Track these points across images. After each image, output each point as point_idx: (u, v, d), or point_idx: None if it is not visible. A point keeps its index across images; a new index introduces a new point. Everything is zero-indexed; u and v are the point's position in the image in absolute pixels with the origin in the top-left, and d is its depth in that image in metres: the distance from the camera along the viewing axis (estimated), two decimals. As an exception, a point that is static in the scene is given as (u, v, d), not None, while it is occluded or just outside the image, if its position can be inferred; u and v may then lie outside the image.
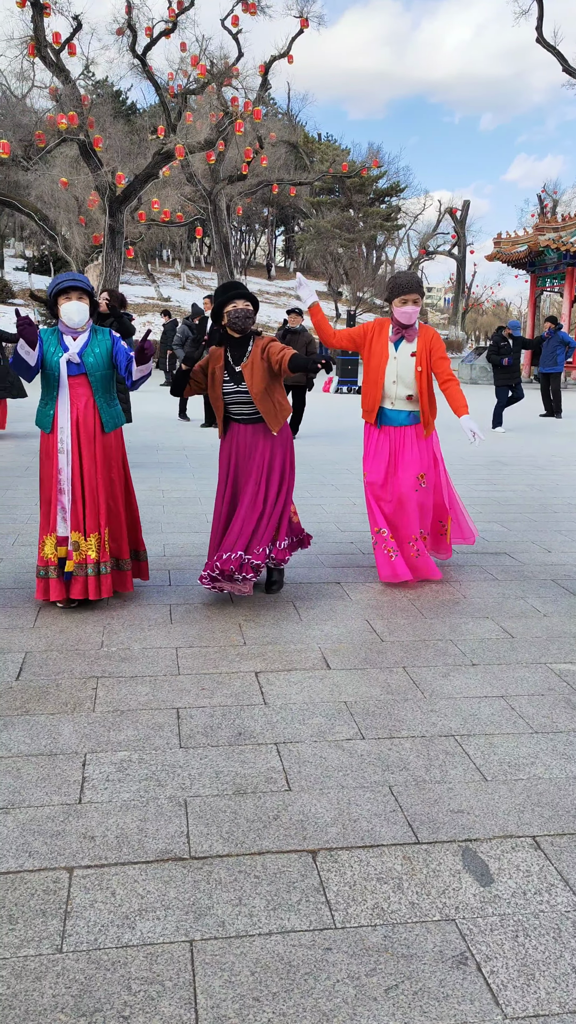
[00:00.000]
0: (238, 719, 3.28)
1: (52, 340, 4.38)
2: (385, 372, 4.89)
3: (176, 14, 23.71)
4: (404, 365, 4.88)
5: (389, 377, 4.89)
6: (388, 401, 4.95)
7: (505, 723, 3.31)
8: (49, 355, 4.34)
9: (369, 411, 5.01)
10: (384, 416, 4.98)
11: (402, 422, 4.95)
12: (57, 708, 3.34)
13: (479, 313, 62.58)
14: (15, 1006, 1.88)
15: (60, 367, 4.32)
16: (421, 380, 4.87)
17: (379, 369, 4.91)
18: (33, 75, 25.42)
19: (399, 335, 4.90)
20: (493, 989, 1.96)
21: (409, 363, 4.87)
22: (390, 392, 4.92)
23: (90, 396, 4.38)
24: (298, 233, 58.54)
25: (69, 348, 4.34)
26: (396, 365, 4.89)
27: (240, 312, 4.47)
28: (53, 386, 4.36)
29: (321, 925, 2.16)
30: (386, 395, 4.93)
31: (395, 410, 4.95)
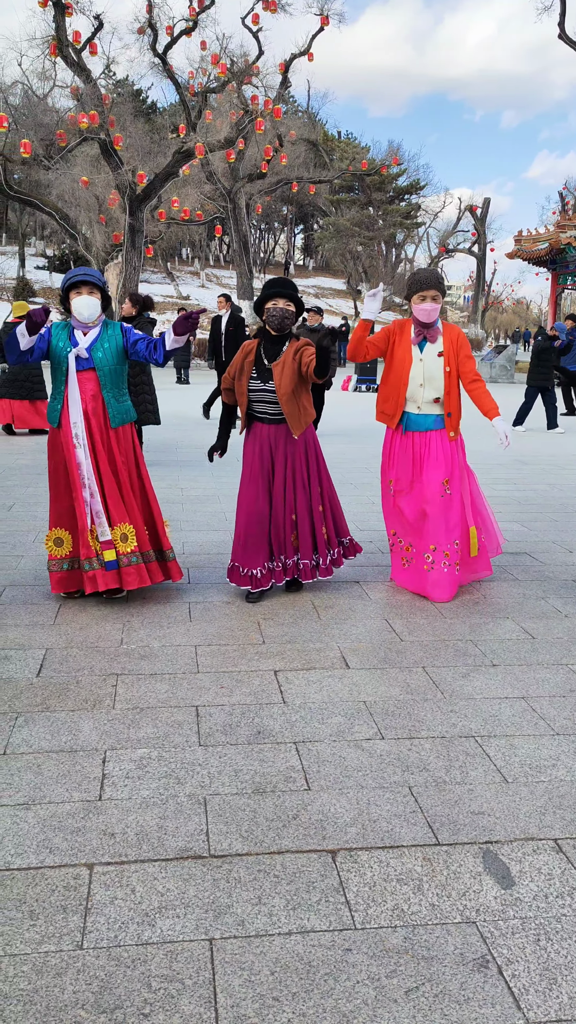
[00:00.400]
0: (257, 718, 3.28)
1: (63, 335, 4.38)
2: (410, 375, 4.67)
3: (197, 12, 23.75)
4: (432, 367, 4.64)
5: (415, 380, 4.66)
6: (413, 405, 4.71)
7: (526, 724, 3.29)
8: (58, 350, 4.35)
9: (392, 415, 4.78)
10: (409, 421, 4.74)
11: (428, 427, 4.71)
12: (77, 705, 3.35)
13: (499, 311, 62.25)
14: (36, 1002, 1.89)
15: (69, 362, 4.32)
16: (450, 381, 4.64)
17: (402, 372, 4.68)
18: (55, 74, 25.58)
19: (421, 335, 4.68)
20: (515, 993, 1.95)
21: (437, 364, 4.64)
22: (416, 396, 4.68)
23: (98, 391, 4.38)
24: (317, 231, 58.48)
25: (79, 343, 4.34)
26: (423, 368, 4.66)
27: (278, 311, 4.40)
28: (61, 381, 4.37)
29: (341, 925, 2.15)
30: (411, 399, 4.70)
31: (421, 415, 4.70)
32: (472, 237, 47.88)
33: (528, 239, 29.63)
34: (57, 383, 4.39)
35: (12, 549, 5.60)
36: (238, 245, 31.92)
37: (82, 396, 4.35)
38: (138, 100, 45.16)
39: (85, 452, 4.35)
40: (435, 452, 4.70)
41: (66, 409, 4.35)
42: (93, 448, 4.37)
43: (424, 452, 4.72)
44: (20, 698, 3.40)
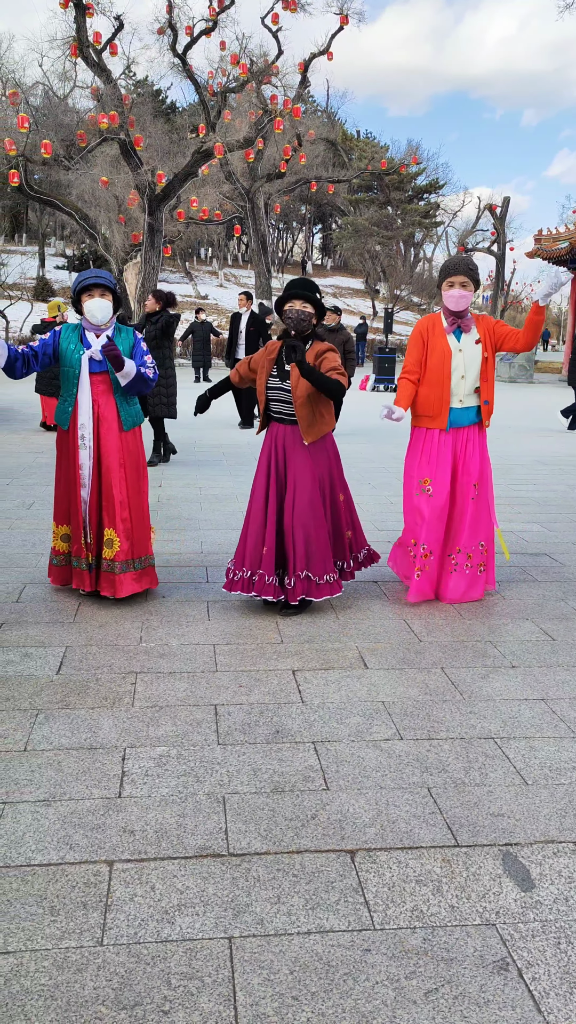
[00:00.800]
0: (276, 717, 3.29)
1: (73, 337, 4.40)
2: (452, 368, 4.48)
3: (216, 13, 23.77)
4: (471, 356, 4.49)
5: (456, 373, 4.48)
6: (456, 399, 4.52)
7: (546, 726, 3.27)
8: (69, 352, 4.37)
9: (436, 416, 4.54)
10: (451, 417, 4.54)
11: (470, 421, 4.57)
12: (97, 702, 3.37)
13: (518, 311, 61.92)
14: (57, 997, 1.90)
15: (81, 364, 4.33)
16: (487, 367, 4.51)
17: (443, 366, 4.48)
18: (75, 75, 25.69)
19: (455, 324, 4.49)
20: (535, 996, 1.94)
21: (475, 352, 4.48)
22: (458, 389, 4.50)
23: (110, 393, 4.40)
24: (335, 231, 58.41)
25: (92, 345, 4.36)
26: (463, 358, 4.48)
27: (294, 313, 4.33)
28: (73, 383, 4.38)
29: (360, 926, 2.15)
30: (454, 393, 4.51)
31: (463, 408, 4.54)
32: (491, 236, 47.63)
33: (548, 238, 29.44)
34: (68, 384, 4.41)
35: (32, 547, 5.63)
36: (256, 245, 31.93)
37: (95, 399, 4.37)
38: (158, 100, 45.30)
39: (89, 454, 4.37)
40: (471, 452, 4.58)
41: (76, 411, 4.37)
42: (98, 451, 4.39)
43: (462, 450, 4.58)
44: (40, 695, 3.42)
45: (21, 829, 2.51)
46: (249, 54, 25.17)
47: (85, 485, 4.39)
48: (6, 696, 3.40)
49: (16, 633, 4.09)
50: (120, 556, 4.43)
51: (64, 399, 4.44)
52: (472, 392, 4.54)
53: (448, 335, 4.52)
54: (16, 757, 2.93)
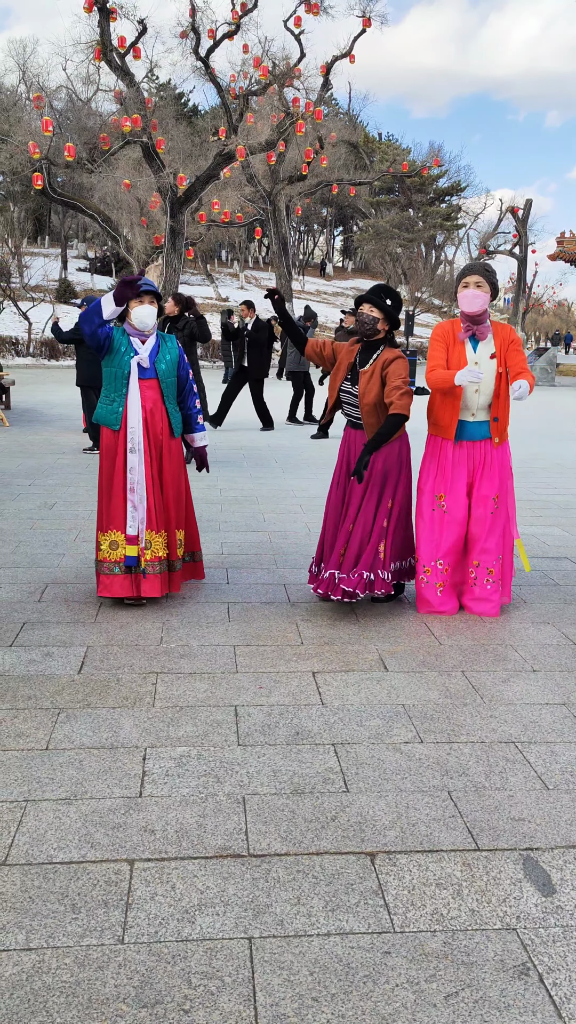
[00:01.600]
0: (295, 719, 3.29)
1: (124, 340, 4.44)
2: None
3: (239, 16, 23.87)
4: (486, 370, 4.34)
5: (471, 386, 4.34)
6: (468, 413, 4.40)
7: (567, 731, 3.25)
8: (120, 353, 4.41)
9: (447, 426, 4.42)
10: (463, 430, 4.42)
11: (483, 435, 4.42)
12: (118, 702, 3.39)
13: (540, 313, 61.58)
14: (78, 994, 1.91)
15: (131, 367, 4.39)
16: (501, 383, 4.36)
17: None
18: (98, 79, 25.88)
19: (470, 331, 4.35)
20: (556, 1001, 1.93)
21: (490, 366, 4.34)
22: (471, 403, 4.37)
23: (159, 400, 4.47)
24: (357, 233, 58.38)
25: (139, 351, 4.41)
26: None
27: (362, 317, 4.39)
28: (122, 384, 4.42)
29: (380, 928, 2.15)
30: (466, 406, 4.38)
31: (476, 422, 4.41)
32: (513, 239, 47.43)
33: (570, 240, 29.27)
34: (117, 385, 4.44)
35: (54, 548, 5.68)
36: (277, 247, 31.98)
37: (143, 404, 4.42)
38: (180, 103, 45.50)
39: (140, 458, 4.41)
40: (489, 465, 4.45)
41: (127, 414, 4.41)
42: (150, 455, 4.45)
43: (479, 464, 4.45)
44: (62, 694, 3.45)
45: (43, 827, 2.54)
46: (271, 57, 25.24)
47: (135, 489, 4.41)
48: (28, 695, 3.43)
49: (38, 633, 4.12)
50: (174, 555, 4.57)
51: (112, 399, 4.46)
52: (486, 407, 4.41)
53: (466, 345, 4.39)
54: (38, 756, 2.95)
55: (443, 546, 4.49)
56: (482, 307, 4.29)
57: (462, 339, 4.39)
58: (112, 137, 23.68)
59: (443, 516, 4.47)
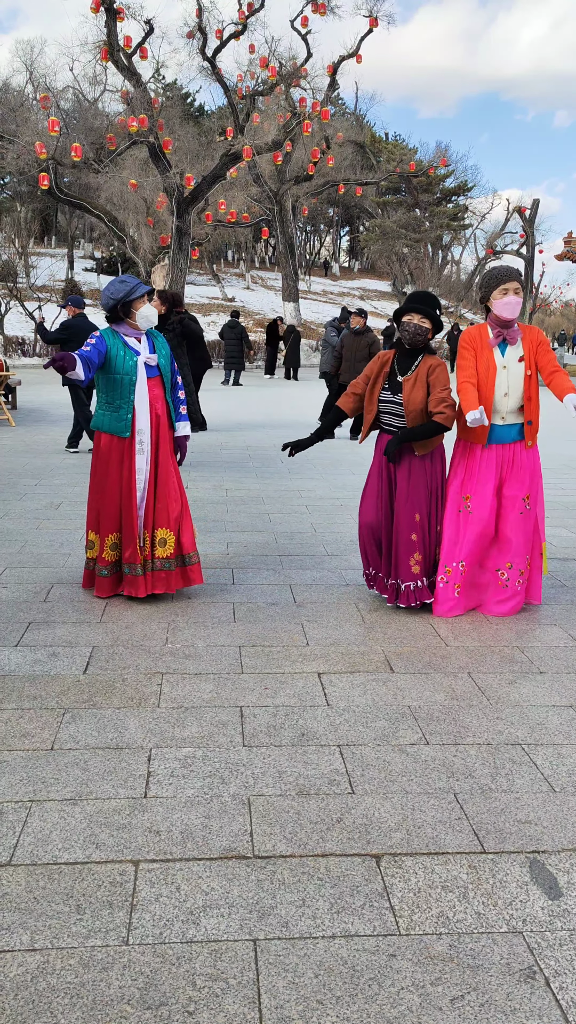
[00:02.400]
0: (301, 720, 3.28)
1: (117, 343, 4.39)
2: (495, 385, 4.35)
3: (246, 16, 23.85)
4: (515, 374, 4.36)
5: (500, 390, 4.35)
6: (498, 417, 4.40)
7: (574, 733, 3.24)
8: (120, 359, 4.36)
9: (479, 433, 4.42)
10: (493, 434, 4.42)
11: (513, 438, 4.43)
12: (123, 703, 3.39)
13: (547, 314, 61.45)
14: (83, 995, 1.91)
15: (138, 370, 4.37)
16: (531, 385, 4.38)
17: (487, 383, 4.35)
18: (105, 79, 25.89)
19: (501, 336, 4.36)
20: (562, 1005, 1.92)
21: (518, 370, 4.35)
22: (500, 407, 4.38)
23: (162, 396, 4.49)
24: (363, 233, 58.32)
25: (139, 351, 4.40)
26: (506, 375, 4.34)
27: (412, 327, 4.37)
28: (129, 389, 4.37)
29: (385, 931, 2.14)
30: (496, 410, 4.39)
31: (506, 425, 4.41)
32: (520, 239, 47.30)
33: (578, 240, 29.17)
34: (122, 392, 4.38)
35: (60, 547, 5.68)
36: (284, 247, 31.98)
37: (153, 404, 4.43)
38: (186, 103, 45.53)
39: (147, 459, 4.42)
40: (519, 467, 4.44)
41: (136, 417, 4.40)
42: (157, 454, 4.47)
43: (508, 467, 4.45)
44: (67, 694, 3.45)
45: (48, 828, 2.53)
46: (278, 57, 25.23)
47: (140, 490, 4.43)
48: (33, 695, 3.43)
49: (44, 633, 4.12)
50: (174, 553, 4.54)
51: (118, 407, 4.40)
52: (516, 410, 4.40)
53: (493, 349, 4.38)
54: (43, 756, 2.95)
55: (465, 548, 4.48)
56: (518, 313, 4.32)
57: (492, 345, 4.38)
58: (119, 137, 23.70)
59: (468, 517, 4.47)
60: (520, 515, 4.45)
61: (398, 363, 4.47)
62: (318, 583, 4.98)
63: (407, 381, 4.38)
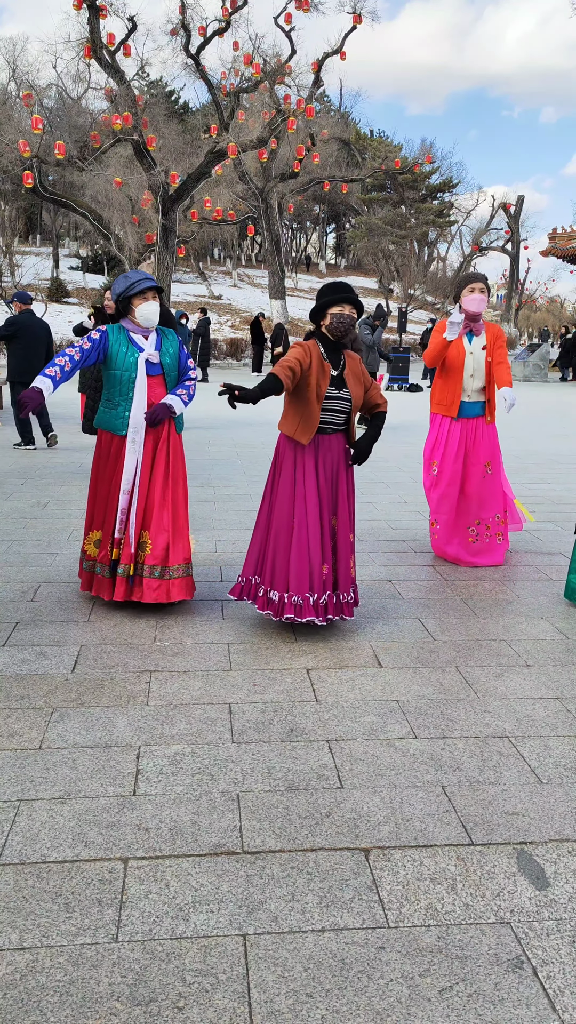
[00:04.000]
0: (290, 715, 3.29)
1: (122, 339, 4.30)
2: (464, 367, 5.29)
3: (229, 13, 23.80)
4: (479, 359, 5.31)
5: (467, 372, 5.30)
6: (466, 395, 5.35)
7: (561, 725, 3.26)
8: (121, 356, 4.27)
9: (450, 405, 5.38)
10: (461, 408, 5.38)
11: (477, 413, 5.39)
12: (111, 701, 3.38)
13: (532, 310, 61.64)
14: (72, 993, 1.91)
15: (139, 367, 4.26)
16: (490, 370, 5.32)
17: (457, 365, 5.30)
18: (89, 76, 25.79)
19: (468, 328, 5.28)
20: (550, 994, 1.93)
21: (482, 356, 5.31)
22: (468, 386, 5.34)
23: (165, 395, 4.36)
24: (349, 230, 58.32)
25: (144, 348, 4.29)
26: (472, 360, 5.30)
27: (347, 318, 4.01)
28: (129, 387, 4.27)
29: (374, 924, 2.15)
30: (464, 389, 5.34)
31: (471, 402, 5.38)
32: (506, 235, 47.43)
33: (562, 236, 29.30)
34: (122, 389, 4.29)
35: (47, 547, 5.66)
36: (270, 244, 31.95)
37: (152, 402, 4.30)
38: (171, 101, 45.38)
39: (137, 458, 4.29)
40: (481, 437, 5.38)
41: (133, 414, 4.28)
42: (154, 455, 4.34)
43: (472, 437, 5.38)
44: (56, 693, 3.44)
45: (37, 826, 2.53)
46: (262, 54, 25.20)
47: (126, 490, 4.30)
48: (21, 694, 3.42)
49: (31, 632, 4.11)
50: (153, 560, 4.30)
51: (117, 404, 4.31)
52: (480, 390, 5.36)
53: (463, 338, 5.30)
54: (31, 755, 2.95)
55: (435, 505, 5.47)
56: (484, 307, 5.23)
57: (461, 335, 5.30)
58: (103, 135, 23.58)
59: (433, 479, 5.47)
60: (483, 478, 5.37)
61: (329, 359, 4.10)
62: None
63: (347, 376, 4.12)
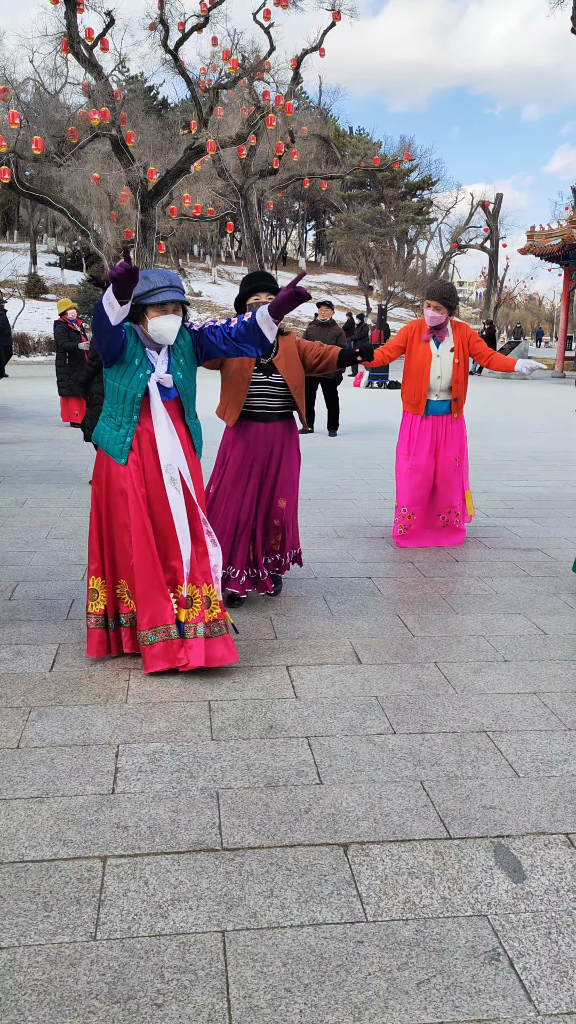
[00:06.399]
0: (269, 712, 3.29)
1: (138, 350, 3.54)
2: (430, 368, 5.59)
3: (208, 9, 23.71)
4: (446, 361, 5.62)
5: (434, 373, 5.61)
6: (433, 394, 5.67)
7: (538, 720, 3.29)
8: (133, 367, 3.52)
9: (416, 403, 5.69)
10: (429, 407, 5.69)
11: (444, 411, 5.72)
12: (90, 699, 3.37)
13: (511, 307, 61.99)
14: (50, 992, 1.91)
15: (151, 389, 3.52)
16: (458, 371, 5.62)
17: (423, 366, 5.60)
18: (66, 71, 25.59)
19: (431, 335, 5.61)
20: (526, 985, 1.95)
21: (449, 358, 5.61)
22: (435, 386, 5.65)
23: (181, 420, 3.66)
24: (329, 227, 58.35)
25: (156, 366, 3.55)
26: (439, 362, 5.60)
27: None
28: (134, 409, 3.53)
29: (352, 918, 2.16)
30: (431, 388, 5.65)
31: (438, 401, 5.69)
32: (484, 233, 47.66)
33: (541, 235, 29.46)
34: (126, 408, 3.55)
35: (25, 545, 5.63)
36: (250, 241, 31.89)
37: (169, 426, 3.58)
38: (149, 96, 45.20)
39: (180, 493, 3.59)
40: (450, 433, 5.72)
41: (149, 443, 3.56)
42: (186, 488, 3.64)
43: (441, 433, 5.71)
44: (34, 692, 3.42)
45: (14, 826, 2.52)
46: (241, 50, 25.15)
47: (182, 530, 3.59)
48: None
49: (8, 631, 4.09)
50: (201, 617, 3.62)
51: (120, 424, 3.56)
52: (446, 389, 5.68)
53: (428, 342, 5.63)
54: (9, 754, 2.93)
55: (408, 495, 5.73)
56: (440, 322, 5.55)
57: (425, 339, 5.64)
58: (80, 130, 23.44)
59: (408, 472, 5.73)
60: (453, 471, 5.74)
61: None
62: (285, 577, 4.99)
63: (278, 361, 4.31)
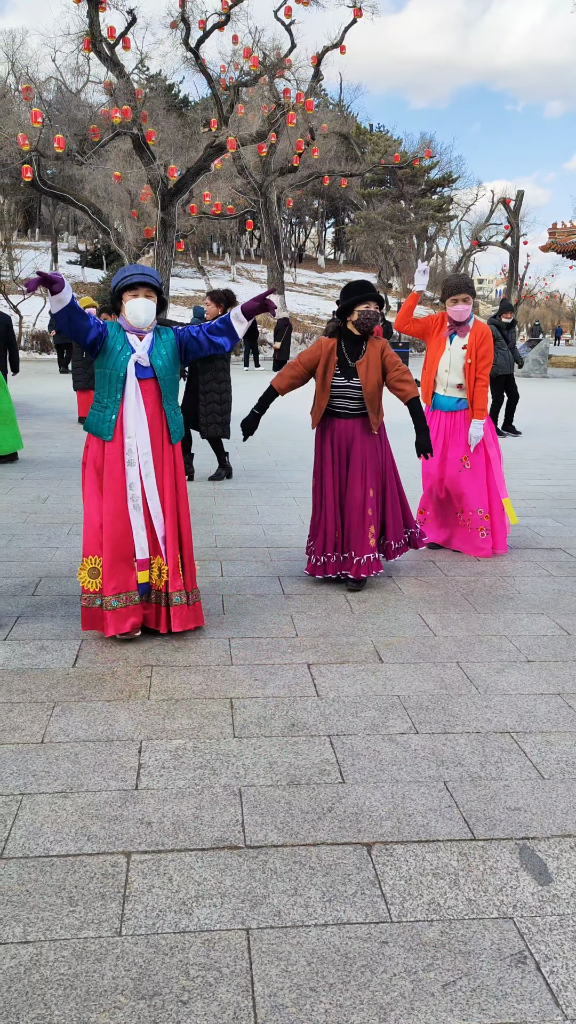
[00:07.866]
0: (291, 710, 3.29)
1: (119, 337, 3.92)
2: (440, 361, 5.56)
3: (229, 6, 23.73)
4: (456, 356, 5.53)
5: (443, 366, 5.56)
6: (440, 387, 5.61)
7: (562, 721, 3.26)
8: (115, 353, 3.88)
9: (424, 393, 5.66)
10: (436, 401, 5.63)
11: (451, 407, 5.59)
12: (113, 695, 3.38)
13: (532, 305, 61.61)
14: (77, 986, 1.91)
15: (128, 368, 3.86)
16: (470, 372, 5.47)
17: (435, 358, 5.59)
18: (88, 70, 25.77)
19: (452, 330, 5.55)
20: (553, 989, 1.94)
21: (460, 355, 5.52)
22: (442, 379, 5.59)
23: (158, 403, 3.94)
24: (348, 225, 58.21)
25: (136, 348, 3.90)
26: (450, 356, 5.53)
27: (371, 314, 4.63)
28: (116, 388, 3.87)
29: (377, 918, 2.16)
30: (439, 381, 5.61)
31: (446, 396, 5.60)
32: (505, 230, 47.35)
33: (562, 231, 29.24)
34: (111, 390, 3.89)
35: (48, 541, 5.66)
36: (269, 239, 31.88)
37: (145, 408, 3.91)
38: (170, 95, 45.26)
39: (148, 471, 3.91)
40: (458, 433, 5.55)
41: (121, 421, 3.88)
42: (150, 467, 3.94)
43: (449, 431, 5.57)
44: (57, 688, 3.44)
45: (39, 820, 2.53)
46: (262, 48, 25.17)
47: (139, 507, 3.91)
48: (23, 689, 3.42)
49: (32, 626, 4.11)
50: (172, 586, 3.97)
51: (105, 406, 3.90)
52: (455, 385, 5.54)
53: (446, 337, 5.56)
54: (33, 749, 2.95)
55: (425, 498, 5.78)
56: (468, 315, 5.46)
57: (446, 335, 5.56)
58: (102, 129, 23.53)
59: (424, 478, 5.74)
60: (459, 472, 5.52)
61: (347, 350, 4.71)
62: (307, 574, 4.99)
63: (360, 365, 4.69)
